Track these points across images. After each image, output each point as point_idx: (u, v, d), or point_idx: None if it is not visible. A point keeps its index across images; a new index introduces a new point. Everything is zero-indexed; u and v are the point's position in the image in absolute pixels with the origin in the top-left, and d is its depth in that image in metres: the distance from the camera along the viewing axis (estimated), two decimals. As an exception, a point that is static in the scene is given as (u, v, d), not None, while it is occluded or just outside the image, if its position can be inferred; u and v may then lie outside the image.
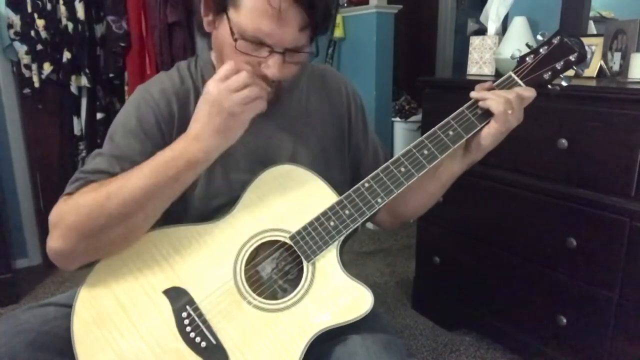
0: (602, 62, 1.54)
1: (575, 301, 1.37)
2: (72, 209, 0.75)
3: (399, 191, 0.81)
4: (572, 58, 0.82)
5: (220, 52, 0.81)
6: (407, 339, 1.81)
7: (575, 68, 0.82)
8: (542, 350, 1.48)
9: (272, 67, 0.76)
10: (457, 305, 1.78)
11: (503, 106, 0.78)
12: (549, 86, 0.84)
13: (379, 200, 0.80)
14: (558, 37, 0.82)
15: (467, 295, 1.73)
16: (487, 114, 0.81)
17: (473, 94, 0.82)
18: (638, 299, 1.23)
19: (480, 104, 0.81)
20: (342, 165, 0.97)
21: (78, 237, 0.74)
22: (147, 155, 0.80)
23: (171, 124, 0.85)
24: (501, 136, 0.82)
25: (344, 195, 0.81)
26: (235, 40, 0.74)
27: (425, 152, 0.81)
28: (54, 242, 0.76)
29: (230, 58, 0.76)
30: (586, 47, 1.55)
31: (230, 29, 0.75)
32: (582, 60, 0.82)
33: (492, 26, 1.81)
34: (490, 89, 0.83)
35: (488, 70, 1.78)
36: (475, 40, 1.81)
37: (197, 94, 0.87)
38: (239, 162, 0.88)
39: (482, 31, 2.13)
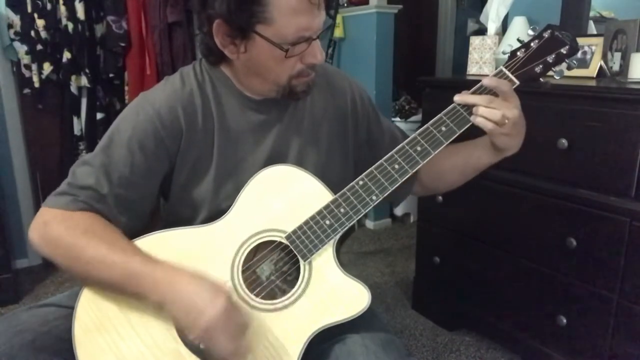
0: (602, 62, 1.54)
1: (575, 301, 1.37)
2: (54, 235, 0.79)
3: (393, 188, 0.81)
4: (563, 51, 0.81)
5: (257, 71, 0.83)
6: (407, 339, 1.81)
7: (567, 61, 0.82)
8: (542, 350, 1.47)
9: (317, 53, 0.81)
10: (457, 305, 1.78)
11: (491, 125, 0.79)
12: (541, 79, 0.84)
13: (374, 197, 0.81)
14: (549, 31, 0.82)
15: (467, 295, 1.73)
16: None
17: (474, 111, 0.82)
18: (638, 299, 1.23)
19: (472, 118, 0.81)
20: (346, 163, 0.97)
21: (49, 254, 0.80)
22: (137, 168, 0.83)
23: (177, 132, 0.85)
24: (512, 140, 0.84)
25: (339, 194, 0.81)
26: (287, 50, 0.77)
27: (419, 148, 0.81)
28: (33, 234, 0.81)
29: (277, 70, 0.80)
30: (586, 47, 1.56)
31: (273, 43, 0.76)
32: (574, 53, 0.82)
33: (492, 26, 1.80)
34: (473, 92, 0.83)
35: (488, 70, 1.77)
36: (475, 40, 1.81)
37: (203, 98, 0.87)
38: (248, 165, 0.88)
39: (482, 31, 2.13)
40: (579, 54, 1.57)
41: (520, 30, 1.70)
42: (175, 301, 0.73)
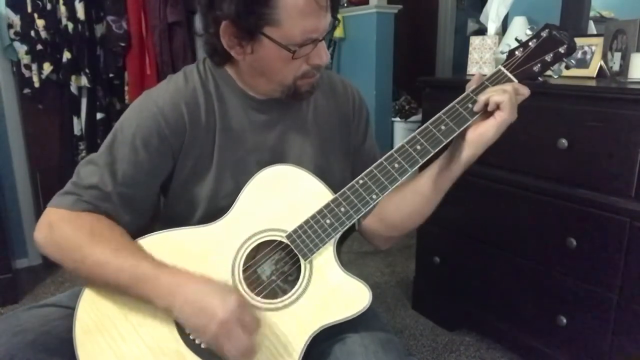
0: (602, 62, 1.54)
1: (575, 301, 1.37)
2: (60, 236, 0.80)
3: (393, 187, 0.81)
4: (561, 50, 0.82)
5: (263, 71, 0.83)
6: (407, 339, 1.81)
7: (565, 60, 0.83)
8: (542, 350, 1.47)
9: (323, 54, 0.82)
10: (457, 305, 1.78)
11: (508, 95, 0.77)
12: (539, 79, 0.84)
13: (374, 196, 0.81)
14: (547, 30, 0.83)
15: (467, 295, 1.73)
16: None
17: (480, 98, 0.81)
18: (638, 299, 1.23)
19: (485, 99, 0.79)
20: (346, 165, 0.98)
21: (54, 255, 0.81)
22: (141, 166, 0.83)
23: (180, 129, 0.85)
24: (501, 130, 0.80)
25: (339, 193, 0.81)
26: (294, 51, 0.77)
27: (418, 147, 0.81)
28: (38, 235, 0.82)
29: (283, 71, 0.81)
30: (586, 47, 1.56)
31: (280, 44, 0.77)
32: (572, 52, 0.82)
33: (492, 26, 1.80)
34: (482, 81, 0.83)
35: (488, 70, 1.77)
36: (475, 40, 1.81)
37: (206, 96, 0.87)
38: (249, 164, 0.88)
39: (482, 31, 2.13)
40: (579, 54, 1.57)
41: (520, 30, 1.70)
42: (184, 306, 0.73)
